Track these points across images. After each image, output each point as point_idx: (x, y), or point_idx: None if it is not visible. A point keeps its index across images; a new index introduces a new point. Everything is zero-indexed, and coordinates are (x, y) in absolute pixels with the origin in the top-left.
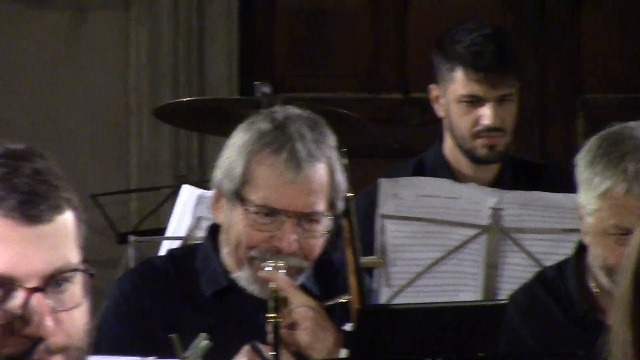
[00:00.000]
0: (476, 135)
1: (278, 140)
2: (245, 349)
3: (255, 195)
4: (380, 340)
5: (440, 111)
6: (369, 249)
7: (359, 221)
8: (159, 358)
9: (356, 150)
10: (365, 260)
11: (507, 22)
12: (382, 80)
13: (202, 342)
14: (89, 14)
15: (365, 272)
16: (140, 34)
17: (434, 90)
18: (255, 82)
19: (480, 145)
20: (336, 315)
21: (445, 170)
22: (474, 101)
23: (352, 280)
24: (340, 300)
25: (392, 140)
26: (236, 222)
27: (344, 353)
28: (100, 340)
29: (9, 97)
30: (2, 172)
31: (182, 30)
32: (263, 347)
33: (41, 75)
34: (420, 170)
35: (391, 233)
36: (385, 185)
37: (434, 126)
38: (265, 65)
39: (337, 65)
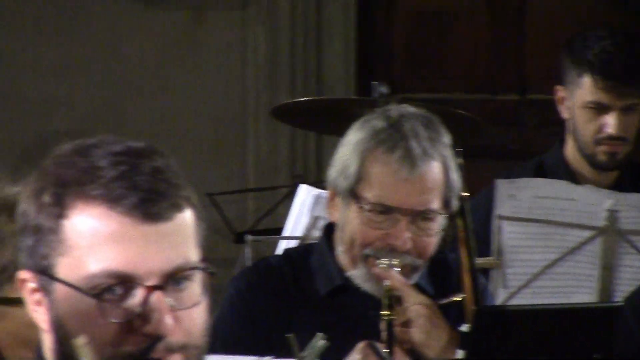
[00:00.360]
0: (598, 142)
1: (392, 138)
2: (359, 346)
3: (370, 193)
4: (496, 341)
5: (565, 113)
6: (490, 250)
7: (480, 221)
8: (275, 357)
9: (472, 150)
10: (481, 261)
11: (625, 24)
12: (499, 81)
13: (319, 342)
14: (207, 14)
15: (480, 273)
16: (258, 33)
17: (560, 92)
18: (373, 82)
19: (601, 152)
20: (451, 315)
21: (565, 172)
22: (600, 108)
23: (467, 280)
24: (454, 299)
25: (508, 141)
26: (351, 220)
27: (460, 354)
28: (215, 339)
29: (128, 96)
30: (122, 170)
31: (300, 29)
32: (379, 345)
33: (160, 74)
34: (540, 172)
35: (507, 234)
36: (502, 187)
37: (550, 128)
38: (382, 66)
39: (455, 66)
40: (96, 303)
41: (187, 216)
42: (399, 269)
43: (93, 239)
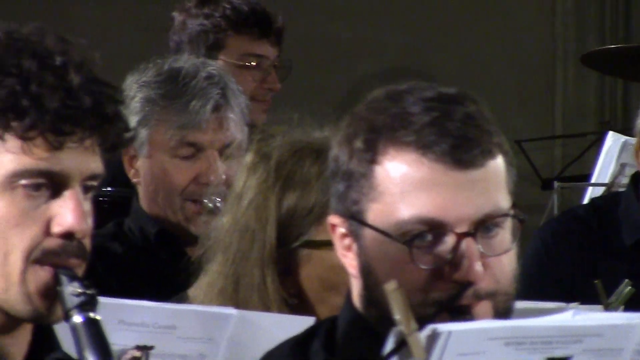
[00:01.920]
0: None
1: None
2: None
3: None
4: None
5: None
6: None
7: None
8: (580, 304)
9: None
10: None
11: None
12: None
13: (626, 288)
14: None
15: None
16: None
17: None
18: None
19: None
20: None
21: None
22: None
23: None
24: None
25: None
26: None
27: None
28: (521, 286)
29: (434, 41)
30: (434, 116)
31: None
32: None
33: (466, 20)
34: None
35: None
36: None
37: None
38: None
39: None
40: (406, 249)
41: (498, 163)
42: None
43: (404, 185)
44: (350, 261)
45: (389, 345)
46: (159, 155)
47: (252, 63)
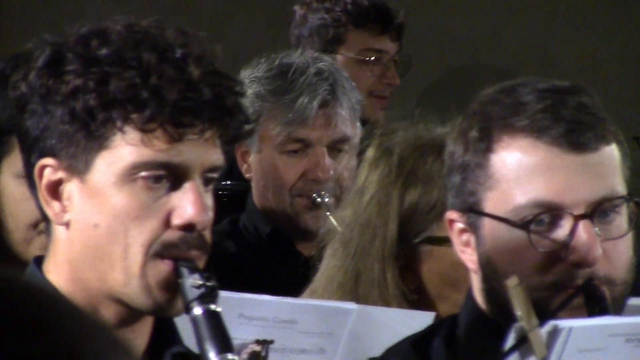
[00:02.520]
0: None
1: None
2: None
3: None
4: None
5: None
6: None
7: None
8: None
9: None
10: None
11: None
12: None
13: None
14: None
15: None
16: None
17: None
18: None
19: None
20: None
21: None
22: None
23: None
24: None
25: None
26: None
27: None
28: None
29: (554, 39)
30: (548, 103)
31: None
32: None
33: (584, 16)
34: None
35: None
36: None
37: None
38: None
39: None
40: (524, 234)
41: (613, 149)
42: None
43: (520, 171)
44: (469, 256)
45: (510, 341)
46: (269, 151)
47: (371, 58)
